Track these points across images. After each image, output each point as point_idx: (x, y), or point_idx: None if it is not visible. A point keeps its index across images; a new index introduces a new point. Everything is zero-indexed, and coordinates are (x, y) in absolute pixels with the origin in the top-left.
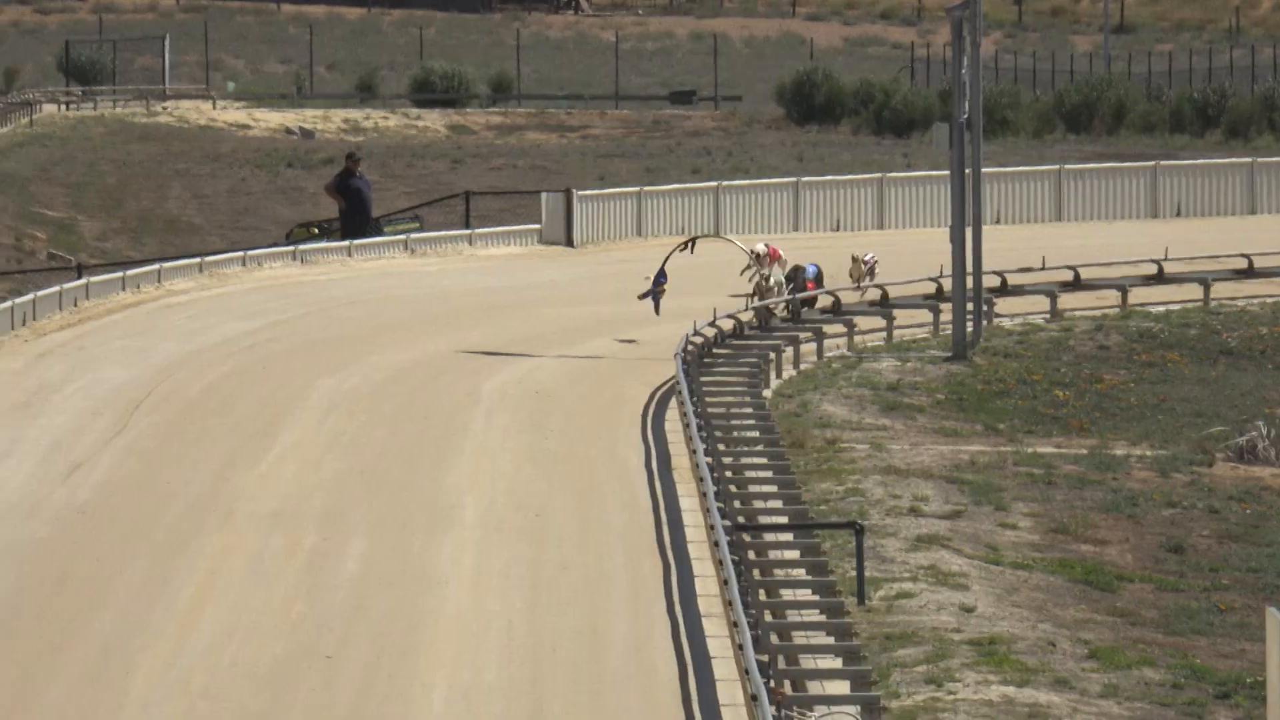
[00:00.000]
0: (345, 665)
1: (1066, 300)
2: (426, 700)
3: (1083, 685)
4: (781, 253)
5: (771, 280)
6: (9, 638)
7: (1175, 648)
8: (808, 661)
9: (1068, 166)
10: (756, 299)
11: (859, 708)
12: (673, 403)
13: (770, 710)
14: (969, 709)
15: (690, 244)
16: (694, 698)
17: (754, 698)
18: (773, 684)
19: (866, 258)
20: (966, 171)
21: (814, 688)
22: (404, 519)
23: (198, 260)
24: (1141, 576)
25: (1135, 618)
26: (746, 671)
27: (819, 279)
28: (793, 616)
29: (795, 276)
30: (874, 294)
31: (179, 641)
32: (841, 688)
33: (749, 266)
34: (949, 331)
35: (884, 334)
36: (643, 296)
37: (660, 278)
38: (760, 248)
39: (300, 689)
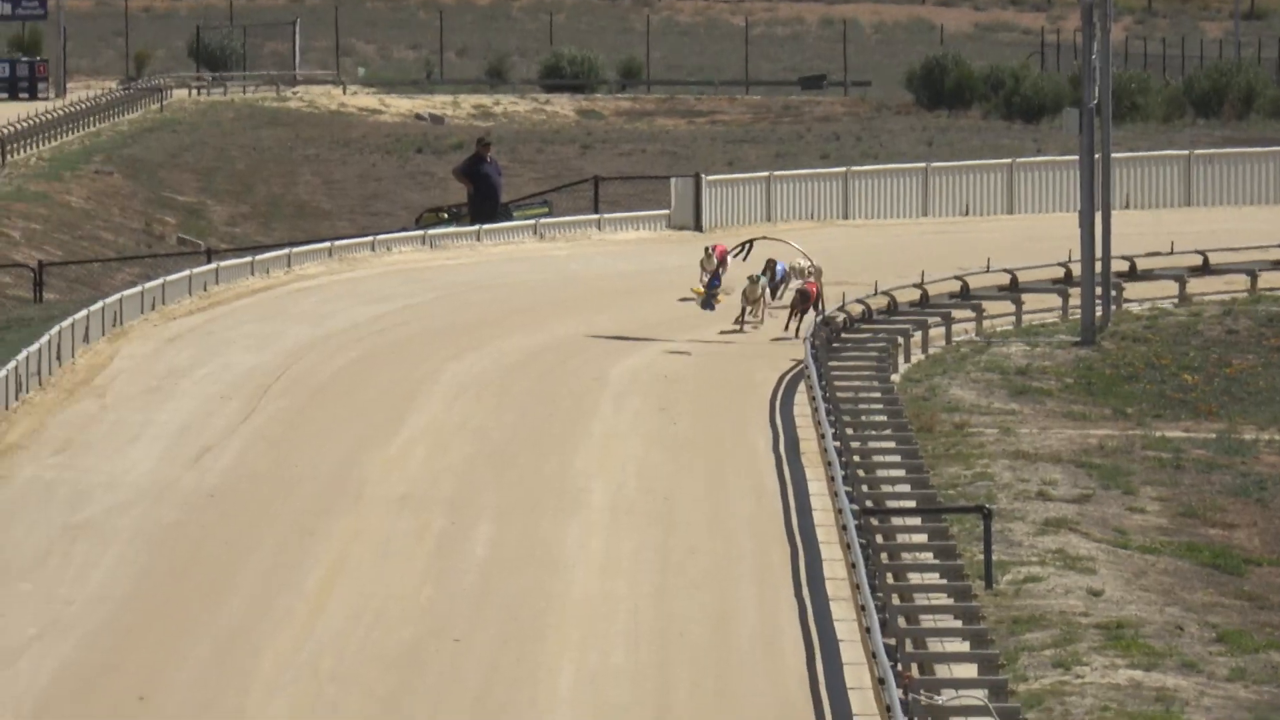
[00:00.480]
0: (473, 649)
1: (1195, 285)
2: (553, 684)
3: (1210, 669)
4: (728, 253)
5: (760, 287)
6: (141, 620)
7: None
8: (935, 645)
9: (1197, 152)
10: (749, 306)
11: (987, 691)
12: (801, 387)
13: (898, 693)
14: (1096, 692)
15: (746, 247)
16: (821, 681)
17: (881, 681)
18: (900, 667)
19: (718, 249)
20: (1096, 157)
21: (941, 671)
22: (532, 503)
23: (327, 245)
24: (1270, 560)
25: (1263, 601)
26: (874, 655)
27: (787, 279)
28: (920, 600)
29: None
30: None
31: (307, 625)
32: (969, 671)
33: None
34: (1078, 316)
35: (1013, 318)
36: (706, 304)
37: (714, 282)
38: (709, 246)
39: (428, 672)
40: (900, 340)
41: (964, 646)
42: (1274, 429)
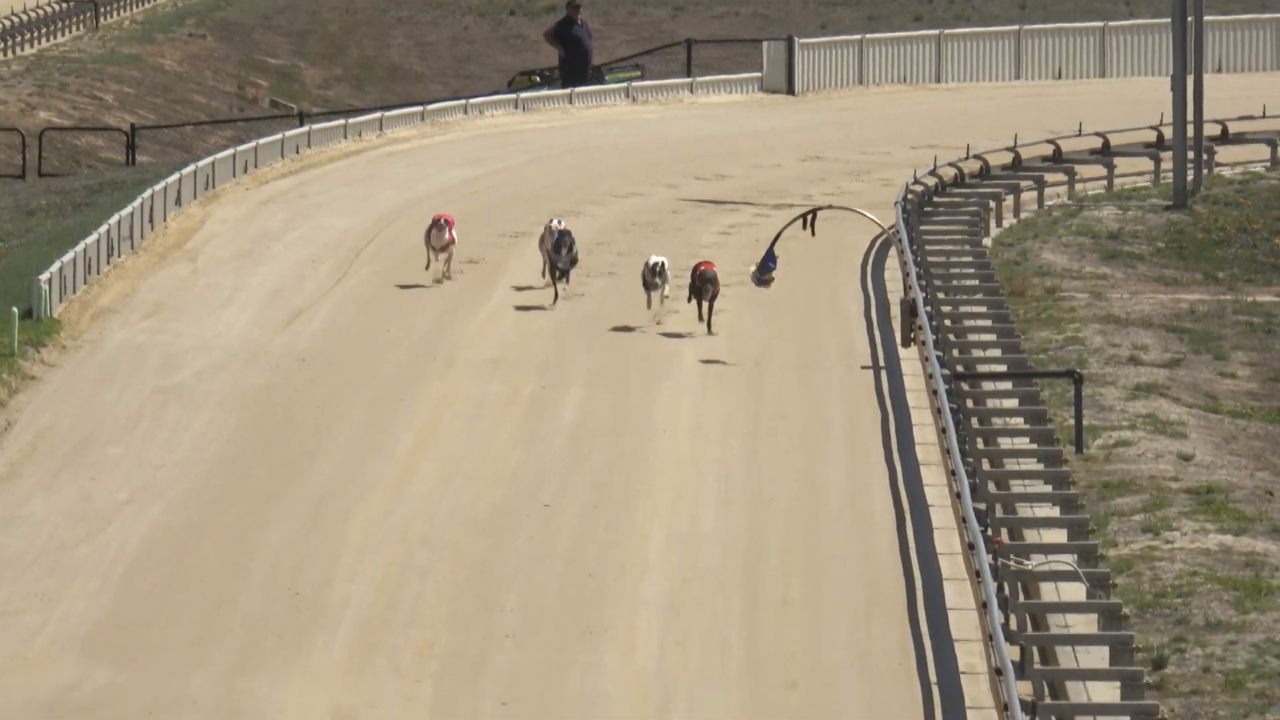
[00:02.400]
0: (563, 513)
1: None
2: (643, 548)
3: None
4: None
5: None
6: (230, 485)
7: None
8: (1025, 510)
9: None
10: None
11: (1076, 556)
12: (892, 251)
13: (987, 558)
14: (1186, 558)
15: (810, 218)
16: (911, 545)
17: (971, 546)
18: (990, 532)
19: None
20: (1189, 20)
21: (1031, 536)
22: (622, 367)
23: (419, 108)
24: None
25: None
26: (964, 520)
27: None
28: (1010, 465)
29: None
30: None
31: (397, 489)
32: (1059, 536)
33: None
34: (1169, 180)
35: (1104, 182)
36: (760, 281)
37: (769, 262)
38: (553, 223)
39: (518, 536)
40: (992, 204)
41: (1054, 512)
42: None
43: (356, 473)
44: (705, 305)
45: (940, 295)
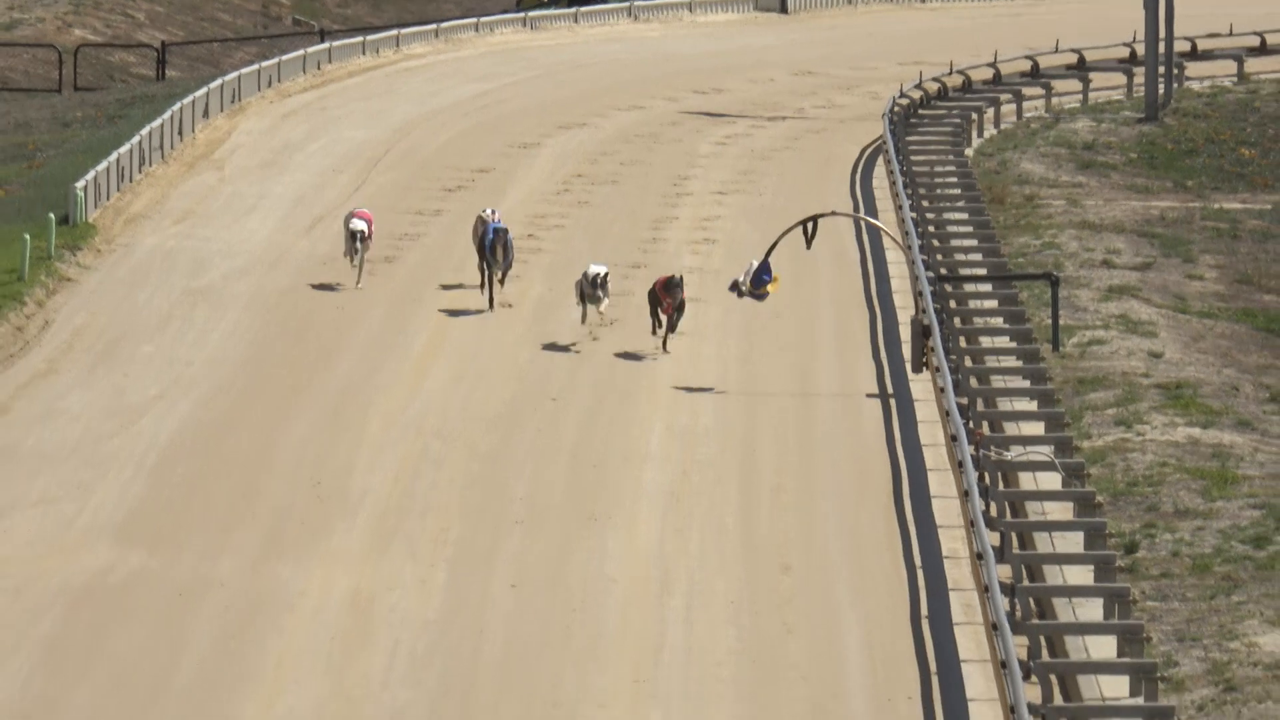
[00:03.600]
0: (569, 408)
1: (1253, 64)
2: (644, 440)
3: (1264, 426)
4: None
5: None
6: (255, 381)
7: None
8: (1004, 404)
9: None
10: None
11: (1053, 447)
12: (880, 161)
13: (969, 449)
14: (1156, 449)
15: (810, 226)
16: (897, 437)
17: (954, 438)
18: (971, 425)
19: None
20: None
21: (1010, 429)
22: (626, 268)
23: (434, 26)
24: None
25: None
26: (947, 413)
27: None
28: (991, 362)
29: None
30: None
31: (413, 386)
32: (1036, 429)
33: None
34: (1141, 94)
35: (1080, 96)
36: (743, 293)
37: (764, 274)
38: (486, 212)
39: (527, 429)
40: (974, 116)
41: (1031, 406)
42: None
43: (374, 370)
44: (666, 324)
45: (925, 203)
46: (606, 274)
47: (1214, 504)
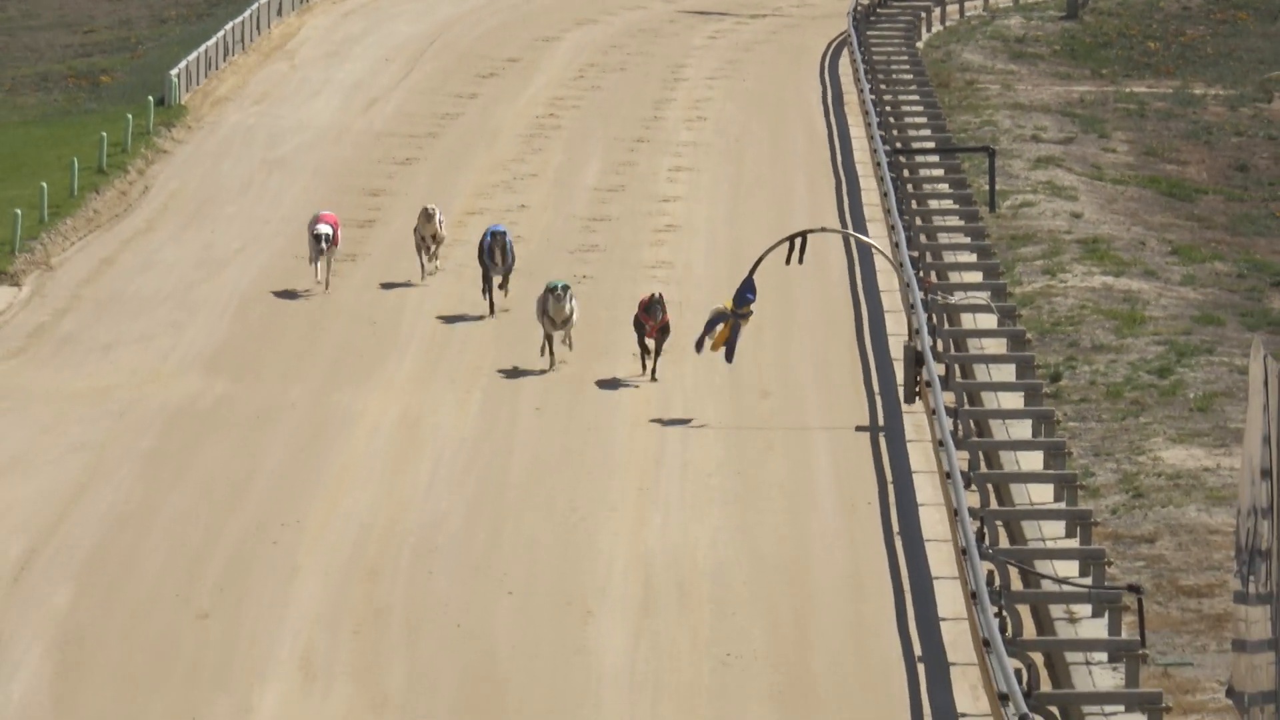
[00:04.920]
0: (586, 254)
1: None
2: (647, 273)
3: (1166, 275)
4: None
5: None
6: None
7: (1239, 246)
8: (950, 256)
9: None
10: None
11: (990, 292)
12: (845, 52)
13: (919, 294)
14: (1076, 294)
15: (798, 243)
16: (859, 285)
17: (907, 285)
18: (921, 274)
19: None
20: None
21: (954, 276)
22: (631, 142)
23: None
24: (1214, 189)
25: (1209, 222)
26: (900, 264)
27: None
28: (937, 221)
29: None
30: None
31: (451, 238)
32: (976, 277)
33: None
34: None
35: None
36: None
37: (747, 293)
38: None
39: (553, 254)
40: (923, 15)
41: (972, 258)
42: (1218, 85)
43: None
44: (655, 350)
45: (883, 87)
46: (566, 285)
47: (1124, 340)
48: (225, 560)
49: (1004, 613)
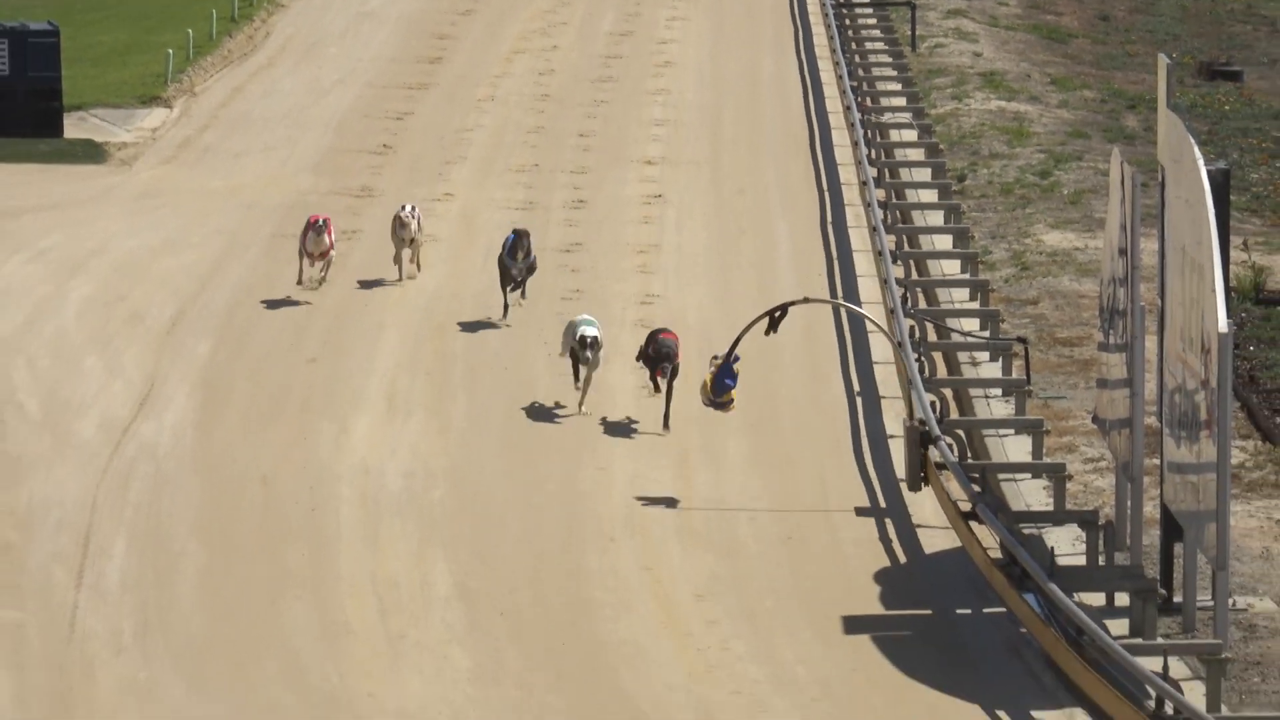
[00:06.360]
0: (603, 89)
1: None
2: (648, 119)
3: (1046, 100)
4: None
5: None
6: (403, 69)
7: (1102, 78)
8: (882, 85)
9: None
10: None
11: (912, 113)
12: None
13: (859, 115)
14: (977, 115)
15: (776, 316)
16: (812, 108)
17: (848, 108)
18: (859, 99)
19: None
20: None
21: (886, 102)
22: (634, 7)
23: None
24: (1083, 34)
25: (1079, 59)
26: (843, 92)
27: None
28: (872, 59)
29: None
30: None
31: (503, 72)
32: (900, 102)
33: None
34: None
35: None
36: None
37: (726, 379)
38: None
39: (571, 107)
40: None
41: (897, 86)
42: None
43: (480, 62)
44: (665, 388)
45: None
46: (596, 335)
47: (1014, 150)
48: (328, 318)
49: (922, 359)
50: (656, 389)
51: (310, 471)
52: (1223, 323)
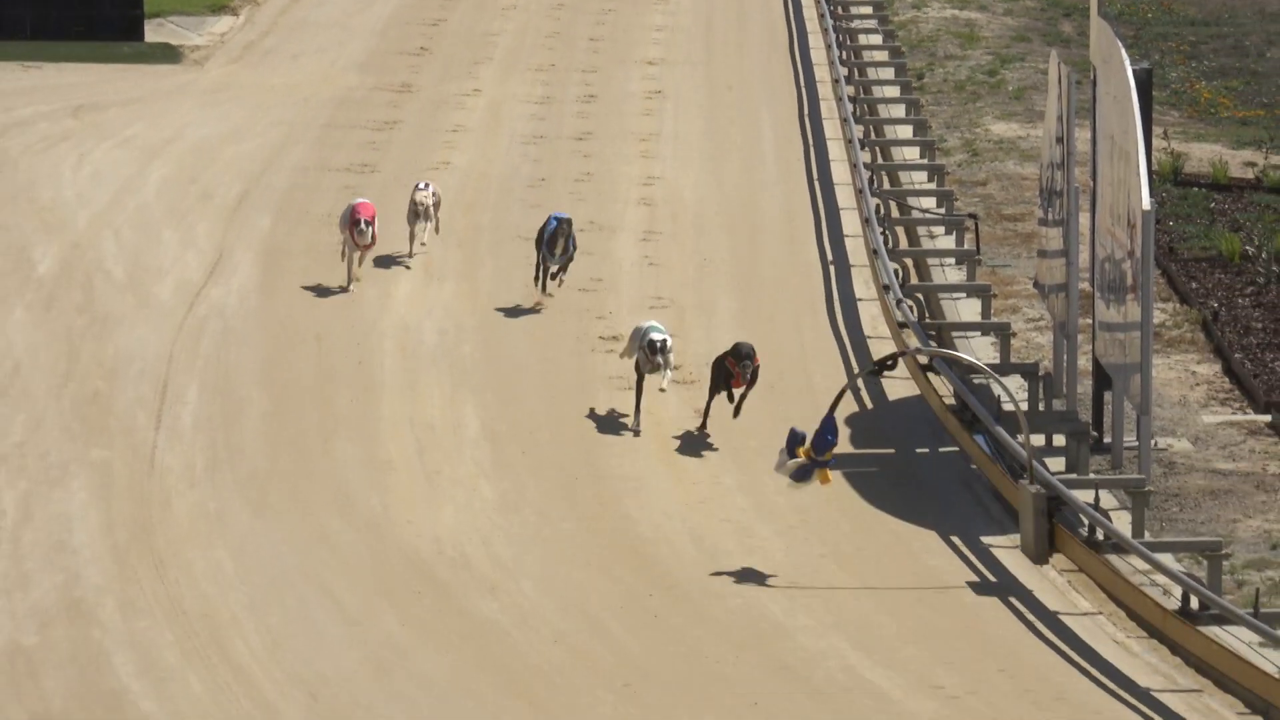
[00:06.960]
0: (605, 12)
1: None
2: (647, 35)
3: (993, 9)
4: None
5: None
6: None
7: None
8: (863, 40)
9: None
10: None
11: (877, 20)
12: None
13: (831, 23)
14: (934, 22)
15: (889, 364)
16: (791, 15)
17: (822, 15)
18: (832, 6)
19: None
20: None
21: (855, 10)
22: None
23: None
24: None
25: None
26: (824, 30)
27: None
28: (857, 24)
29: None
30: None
31: (523, 28)
32: (867, 10)
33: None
34: None
35: None
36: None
37: (829, 435)
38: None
39: (574, 46)
40: None
41: (879, 41)
42: None
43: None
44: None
45: None
46: (666, 339)
47: (966, 52)
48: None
49: (886, 232)
50: (731, 399)
51: (358, 329)
52: (1146, 201)
